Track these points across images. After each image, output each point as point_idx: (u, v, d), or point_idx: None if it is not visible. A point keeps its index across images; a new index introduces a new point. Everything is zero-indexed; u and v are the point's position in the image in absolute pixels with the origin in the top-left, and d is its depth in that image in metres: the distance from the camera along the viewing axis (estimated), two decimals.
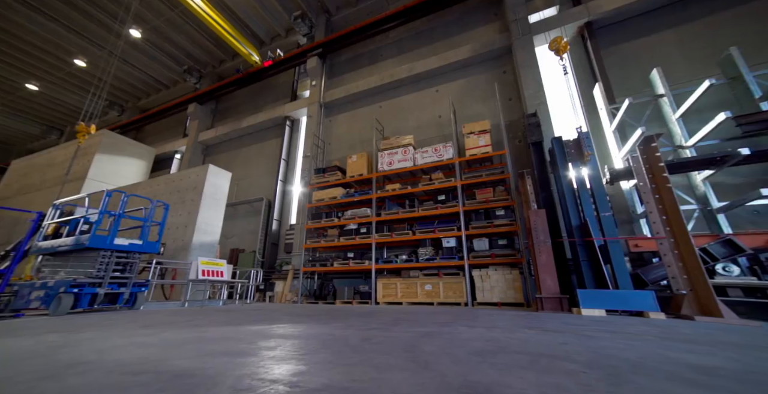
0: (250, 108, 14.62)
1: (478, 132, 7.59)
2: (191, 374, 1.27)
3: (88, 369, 1.39)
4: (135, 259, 5.82)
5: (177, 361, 1.51)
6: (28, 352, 1.82)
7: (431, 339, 2.13)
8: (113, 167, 12.53)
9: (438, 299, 6.65)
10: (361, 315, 4.12)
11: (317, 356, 1.61)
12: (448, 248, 7.10)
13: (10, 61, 15.71)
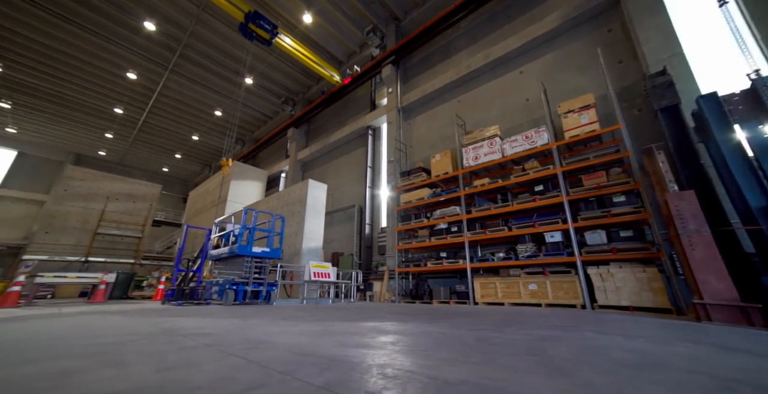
0: (335, 124, 16.13)
1: (578, 109, 6.55)
2: (341, 360, 1.48)
3: (270, 347, 1.77)
4: (266, 263, 7.11)
5: (325, 348, 1.77)
6: (230, 329, 2.43)
7: (555, 344, 1.93)
8: (242, 190, 15.54)
9: (546, 300, 5.96)
10: (463, 315, 4.03)
11: (439, 353, 1.65)
12: (552, 243, 6.30)
13: (183, 122, 21.36)
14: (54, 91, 18.17)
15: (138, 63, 15.99)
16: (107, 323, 3.04)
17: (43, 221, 15.43)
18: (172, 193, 28.64)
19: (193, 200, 18.60)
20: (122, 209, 16.86)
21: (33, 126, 21.89)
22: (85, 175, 16.42)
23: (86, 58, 15.60)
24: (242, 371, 1.26)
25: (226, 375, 1.19)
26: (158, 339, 2.03)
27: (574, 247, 5.84)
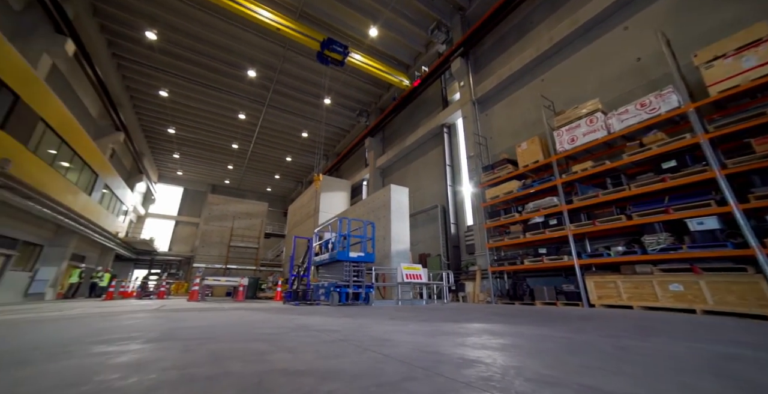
0: (409, 127, 16.40)
1: (734, 52, 4.99)
2: (474, 360, 1.50)
3: (395, 344, 1.93)
4: (362, 267, 7.68)
5: (447, 348, 1.83)
6: (349, 327, 2.75)
7: (756, 368, 1.53)
8: (330, 201, 17.07)
9: (702, 306, 4.72)
10: (582, 319, 3.55)
11: (573, 359, 1.52)
12: (702, 233, 4.97)
13: (279, 147, 25.10)
14: (196, 139, 23.79)
15: (245, 105, 19.48)
16: (256, 318, 3.77)
17: (199, 238, 20.25)
18: (275, 209, 33.58)
19: (292, 213, 21.46)
20: (243, 225, 20.81)
21: (188, 167, 29.18)
22: (218, 200, 20.91)
23: (213, 109, 19.86)
24: (385, 364, 1.41)
25: (374, 367, 1.35)
26: (301, 333, 2.42)
27: (748, 236, 4.37)
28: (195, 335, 2.26)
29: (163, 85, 17.62)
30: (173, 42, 14.70)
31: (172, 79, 17.07)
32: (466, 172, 12.27)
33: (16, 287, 12.28)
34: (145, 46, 14.93)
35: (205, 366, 1.34)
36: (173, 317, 3.93)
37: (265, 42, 14.77)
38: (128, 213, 23.02)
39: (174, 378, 1.16)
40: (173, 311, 5.15)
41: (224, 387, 1.06)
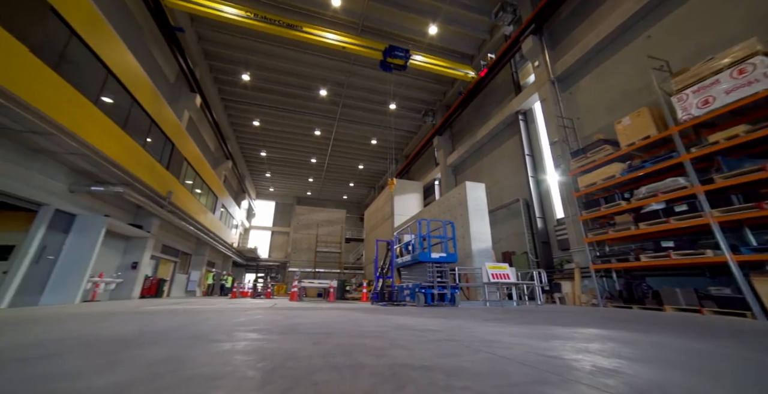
0: (479, 120, 15.61)
1: None
2: (612, 370, 1.33)
3: (505, 346, 1.85)
4: (445, 267, 7.56)
5: (570, 353, 1.67)
6: (447, 327, 2.76)
7: None
8: (404, 203, 17.33)
9: None
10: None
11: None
12: None
13: (351, 157, 26.93)
14: (282, 159, 27.23)
15: (319, 121, 21.45)
16: (355, 317, 4.06)
17: (291, 245, 23.06)
18: (352, 215, 35.74)
19: (368, 218, 22.51)
20: (326, 232, 22.78)
21: (278, 184, 33.61)
22: (303, 211, 23.42)
23: (293, 130, 22.44)
24: (505, 365, 1.36)
25: (494, 367, 1.32)
26: (404, 332, 2.52)
27: None
28: (315, 330, 2.56)
29: (255, 116, 20.73)
30: (261, 78, 17.22)
31: (262, 109, 19.96)
32: (549, 161, 11.01)
33: (180, 285, 16.22)
34: (241, 87, 17.86)
35: (339, 357, 1.51)
36: (288, 314, 4.54)
37: (332, 62, 16.06)
38: (238, 227, 27.63)
39: (322, 364, 1.34)
40: (285, 309, 5.94)
41: (367, 375, 1.18)
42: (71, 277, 8.25)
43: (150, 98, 10.08)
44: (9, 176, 6.39)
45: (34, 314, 4.32)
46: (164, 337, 2.12)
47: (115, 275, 10.58)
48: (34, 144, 6.70)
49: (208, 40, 14.65)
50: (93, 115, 7.37)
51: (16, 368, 1.29)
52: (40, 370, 1.28)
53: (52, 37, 6.27)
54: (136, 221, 11.29)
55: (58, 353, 1.61)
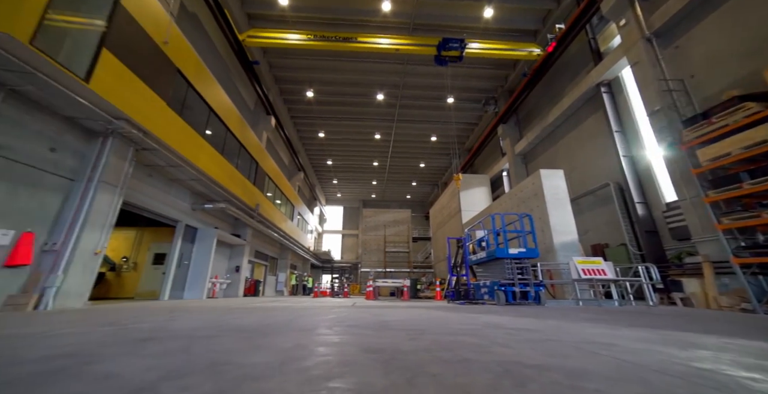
0: (550, 100, 14.11)
1: None
2: None
3: (625, 351, 1.64)
4: (525, 263, 7.01)
5: (740, 371, 1.41)
6: (542, 327, 2.58)
7: None
8: (470, 198, 16.62)
9: None
10: None
11: None
12: None
13: (412, 156, 27.10)
14: (346, 165, 28.87)
15: (378, 125, 22.11)
16: (438, 315, 4.07)
17: (361, 247, 24.25)
18: (417, 214, 35.75)
19: (434, 216, 22.21)
20: (393, 232, 23.24)
21: (344, 189, 35.76)
22: (370, 213, 24.37)
23: (355, 136, 23.60)
24: (638, 371, 1.21)
25: (627, 373, 1.18)
26: (496, 330, 2.43)
27: None
28: (405, 327, 2.66)
29: (320, 128, 22.44)
30: (322, 92, 18.60)
31: (326, 121, 21.52)
32: (647, 136, 9.32)
33: (271, 286, 18.55)
34: (306, 103, 19.58)
35: (442, 352, 1.55)
36: (372, 311, 4.79)
37: (386, 65, 16.42)
38: (312, 232, 30.20)
39: (430, 358, 1.40)
40: (366, 307, 6.27)
41: (479, 370, 1.19)
42: (199, 278, 10.17)
43: (238, 126, 11.81)
44: (159, 201, 8.26)
45: (186, 305, 5.46)
46: (281, 329, 2.46)
47: (225, 276, 12.62)
48: (170, 174, 8.49)
49: (277, 66, 16.47)
50: (203, 146, 8.98)
51: (204, 344, 1.67)
52: (213, 347, 1.62)
53: (178, 90, 7.88)
54: (235, 231, 13.30)
55: (215, 336, 2.02)
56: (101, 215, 5.98)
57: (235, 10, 12.10)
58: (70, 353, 1.54)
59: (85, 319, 3.31)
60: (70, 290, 5.40)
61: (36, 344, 1.81)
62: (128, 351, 1.57)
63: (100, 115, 5.62)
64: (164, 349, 1.61)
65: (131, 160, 6.73)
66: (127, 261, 11.01)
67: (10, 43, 4.22)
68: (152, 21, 6.86)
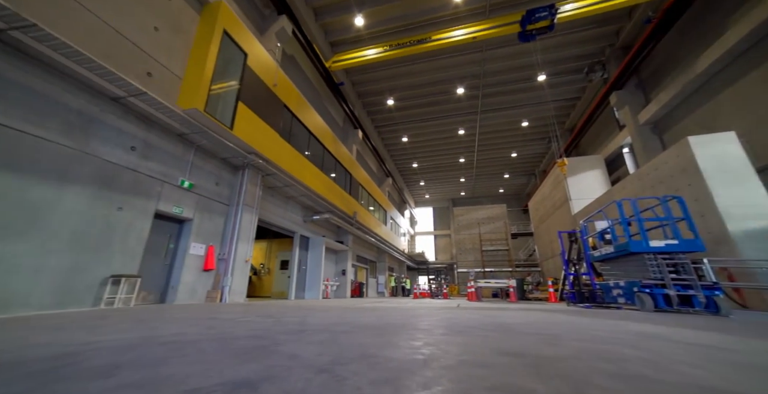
0: (698, 42, 10.79)
1: None
2: None
3: None
4: (681, 259, 5.50)
5: None
6: (747, 349, 1.98)
7: None
8: (580, 185, 14.15)
9: None
10: None
11: None
12: None
13: (501, 146, 25.17)
14: (432, 166, 28.79)
15: (460, 120, 21.31)
16: (562, 320, 3.57)
17: (455, 247, 23.58)
18: (513, 208, 32.60)
19: (534, 209, 19.80)
20: (488, 229, 21.72)
21: (432, 190, 35.60)
22: (461, 212, 23.45)
23: (438, 135, 23.31)
24: None
25: None
26: (667, 344, 1.97)
27: None
28: (532, 330, 2.43)
29: (403, 133, 23.06)
30: (401, 98, 19.13)
31: (408, 125, 22.01)
32: None
33: (373, 287, 19.89)
34: (387, 111, 20.47)
35: (601, 363, 1.34)
36: (483, 313, 4.56)
37: (463, 57, 15.74)
38: (405, 234, 30.98)
39: (588, 369, 1.24)
40: (474, 308, 6.02)
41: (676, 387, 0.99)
42: (315, 280, 11.72)
43: (332, 143, 13.23)
44: (280, 216, 9.97)
45: (310, 304, 6.39)
46: (403, 327, 2.58)
47: (334, 279, 14.15)
48: (285, 193, 10.15)
49: (359, 83, 17.80)
50: (307, 166, 10.42)
51: (345, 337, 1.92)
52: (354, 340, 1.84)
53: (285, 121, 9.45)
54: (338, 238, 14.80)
55: (350, 331, 2.29)
56: (246, 230, 7.58)
57: (320, 43, 13.68)
58: (261, 336, 1.98)
59: (250, 311, 4.22)
60: (236, 289, 6.99)
61: (239, 326, 2.40)
62: (295, 339, 1.91)
63: (240, 153, 7.17)
64: (318, 339, 1.90)
65: (260, 185, 8.34)
66: (264, 267, 13.56)
67: (196, 114, 5.86)
68: (265, 70, 8.41)
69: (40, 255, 4.13)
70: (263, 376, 1.10)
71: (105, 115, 5.08)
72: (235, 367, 1.24)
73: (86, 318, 3.11)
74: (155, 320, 2.91)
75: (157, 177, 5.85)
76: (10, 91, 4.03)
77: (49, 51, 4.22)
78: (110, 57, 4.99)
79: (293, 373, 1.14)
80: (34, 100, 4.25)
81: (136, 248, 5.37)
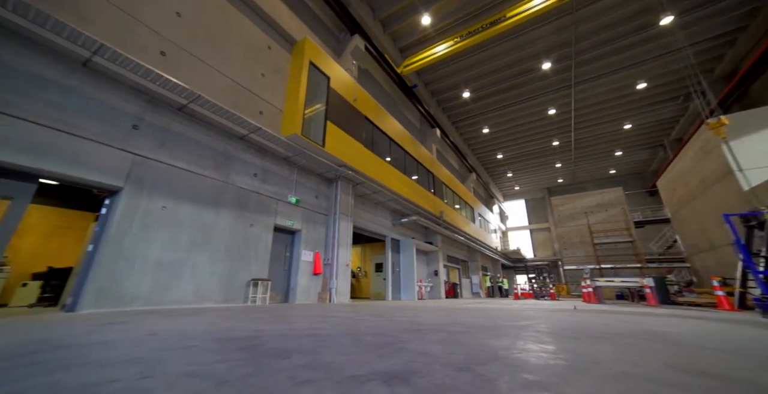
0: None
1: None
2: None
3: None
4: None
5: None
6: None
7: None
8: (754, 149, 10.35)
9: None
10: None
11: None
12: None
13: (607, 120, 21.18)
14: (520, 154, 26.28)
15: (550, 99, 18.83)
16: (759, 335, 2.71)
17: (557, 241, 20.69)
18: (632, 191, 26.76)
19: (668, 189, 15.77)
20: (601, 219, 18.22)
21: (522, 180, 32.42)
22: (561, 201, 20.45)
23: (524, 120, 21.10)
24: None
25: None
26: None
27: None
28: (717, 346, 1.93)
29: (483, 124, 21.76)
30: (477, 88, 18.12)
31: (487, 115, 20.68)
32: None
33: (467, 288, 19.20)
34: (463, 104, 19.68)
35: None
36: (620, 318, 3.86)
37: (546, 27, 13.89)
38: (496, 231, 28.87)
39: None
40: (599, 311, 5.15)
41: None
42: (409, 282, 12.01)
43: (412, 146, 13.44)
44: (371, 222, 10.69)
45: (409, 305, 6.59)
46: (517, 330, 2.40)
47: (427, 280, 14.19)
48: (374, 199, 10.79)
49: (431, 82, 17.67)
50: (391, 171, 10.84)
51: (464, 337, 1.92)
52: (476, 340, 1.81)
53: (367, 132, 10.12)
54: (427, 239, 14.81)
55: (467, 331, 2.26)
56: (344, 237, 8.34)
57: (391, 51, 14.14)
58: (383, 333, 2.15)
59: (359, 310, 4.61)
60: (341, 290, 7.76)
61: (359, 324, 2.67)
62: (415, 337, 2.00)
63: (333, 167, 7.98)
64: (437, 338, 1.94)
65: (352, 194, 9.08)
66: (360, 270, 14.62)
67: (295, 138, 6.88)
68: (345, 88, 9.18)
69: (211, 262, 5.45)
70: (407, 369, 1.19)
71: (236, 152, 6.38)
72: (377, 360, 1.37)
73: (243, 312, 3.94)
74: (290, 316, 3.47)
75: (273, 196, 7.00)
76: (187, 144, 5.48)
77: (202, 110, 5.56)
78: (237, 106, 6.27)
79: (434, 369, 1.19)
80: (197, 148, 5.66)
81: (265, 257, 6.52)
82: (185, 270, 5.04)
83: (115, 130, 4.61)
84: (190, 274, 5.10)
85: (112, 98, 4.65)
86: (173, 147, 5.29)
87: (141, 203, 4.70)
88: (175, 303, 4.83)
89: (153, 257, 4.69)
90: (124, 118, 4.75)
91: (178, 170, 5.27)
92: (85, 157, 4.24)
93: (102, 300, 4.10)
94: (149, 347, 1.63)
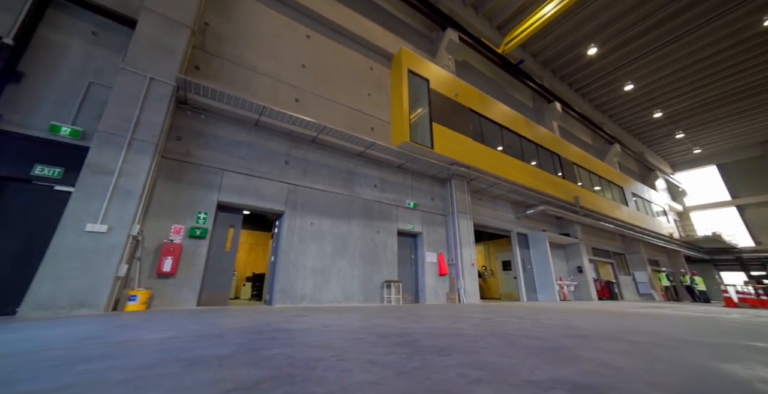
0: None
1: None
2: None
3: None
4: None
5: None
6: None
7: None
8: None
9: None
10: None
11: None
12: None
13: None
14: (693, 104, 19.14)
15: (745, 12, 13.04)
16: None
17: None
18: None
19: None
20: None
21: (705, 139, 23.42)
22: None
23: (693, 57, 15.29)
24: None
25: None
26: None
27: None
28: None
29: (622, 81, 17.16)
30: (604, 40, 14.43)
31: (626, 69, 16.20)
32: None
33: (628, 287, 15.36)
34: (587, 65, 16.05)
35: None
36: None
37: None
38: (666, 212, 21.90)
39: None
40: None
41: None
42: (546, 280, 10.61)
43: (526, 128, 11.90)
44: (492, 217, 10.10)
45: (551, 307, 5.82)
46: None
47: (569, 278, 12.14)
48: (492, 193, 10.14)
49: (540, 52, 15.22)
50: (506, 160, 9.92)
51: (670, 352, 1.56)
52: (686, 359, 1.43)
53: (474, 124, 9.64)
54: (562, 230, 12.70)
55: (663, 344, 1.80)
56: (465, 235, 8.14)
57: (487, 33, 13.01)
58: (538, 337, 2.00)
59: (493, 311, 4.40)
60: (469, 290, 7.61)
61: (503, 326, 2.57)
62: (583, 344, 1.72)
63: (444, 166, 7.97)
64: (619, 348, 1.63)
65: (467, 191, 8.78)
66: (486, 269, 13.90)
67: (405, 146, 7.32)
68: (445, 86, 9.03)
69: (351, 267, 6.39)
70: (593, 382, 1.08)
71: (357, 167, 7.25)
72: (548, 366, 1.30)
73: (384, 311, 4.41)
74: (426, 316, 3.65)
75: (392, 203, 7.56)
76: (320, 168, 6.66)
77: (328, 137, 6.60)
78: (354, 128, 7.16)
79: (637, 388, 1.04)
80: (328, 171, 6.77)
81: (393, 260, 7.10)
82: (332, 275, 6.07)
83: (275, 167, 6.03)
84: (337, 278, 6.10)
85: (271, 144, 6.12)
86: (312, 173, 6.48)
87: (296, 222, 5.97)
88: (329, 302, 5.88)
89: (309, 265, 5.87)
90: (280, 157, 6.16)
91: (317, 192, 6.42)
92: (262, 192, 5.74)
93: (284, 298, 5.44)
94: (330, 337, 2.06)
